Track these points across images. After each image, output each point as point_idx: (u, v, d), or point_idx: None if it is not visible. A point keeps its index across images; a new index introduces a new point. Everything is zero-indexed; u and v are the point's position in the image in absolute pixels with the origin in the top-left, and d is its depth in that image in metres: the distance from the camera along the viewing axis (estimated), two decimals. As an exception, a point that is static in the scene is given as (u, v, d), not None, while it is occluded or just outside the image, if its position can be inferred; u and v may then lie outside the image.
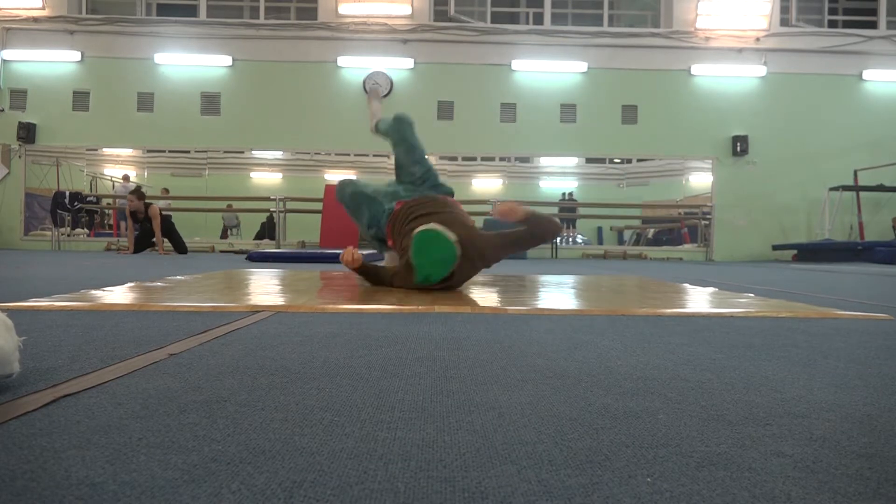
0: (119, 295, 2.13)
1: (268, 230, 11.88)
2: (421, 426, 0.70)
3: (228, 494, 0.50)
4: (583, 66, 11.23)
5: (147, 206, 8.62)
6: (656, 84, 11.24)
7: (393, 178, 3.10)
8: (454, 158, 11.87)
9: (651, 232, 12.83)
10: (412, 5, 11.10)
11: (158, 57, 11.09)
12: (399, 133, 3.12)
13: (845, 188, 10.77)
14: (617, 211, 12.72)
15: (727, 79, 11.27)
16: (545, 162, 12.40)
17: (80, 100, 11.11)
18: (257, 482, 0.52)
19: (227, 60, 11.12)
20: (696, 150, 11.39)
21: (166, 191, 11.20)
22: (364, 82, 3.53)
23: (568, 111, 11.34)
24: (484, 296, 2.36)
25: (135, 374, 0.95)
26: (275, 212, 10.98)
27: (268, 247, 10.50)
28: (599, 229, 13.31)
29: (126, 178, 11.86)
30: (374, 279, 2.68)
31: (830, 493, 0.53)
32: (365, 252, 2.85)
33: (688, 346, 1.29)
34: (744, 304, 2.16)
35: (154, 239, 8.42)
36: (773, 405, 0.83)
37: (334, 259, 6.07)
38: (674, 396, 0.86)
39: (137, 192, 8.57)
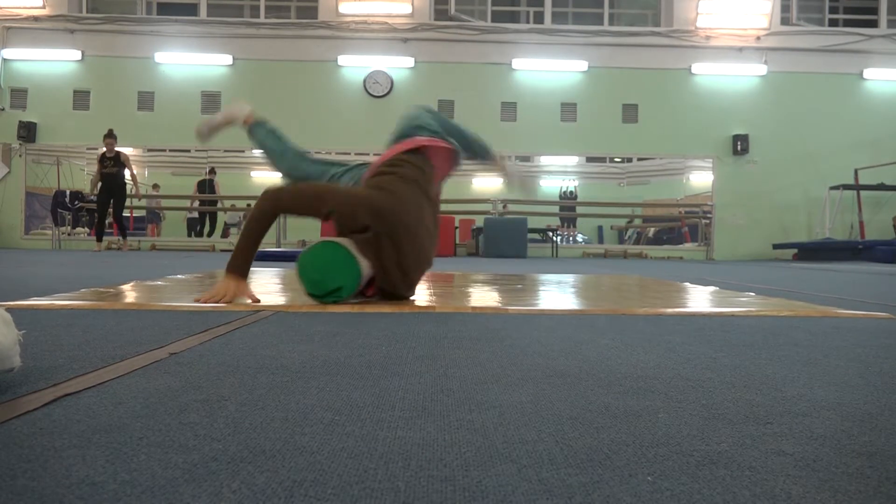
0: (119, 294, 2.13)
1: (199, 225, 11.91)
2: (421, 425, 0.70)
3: (229, 494, 0.50)
4: (583, 64, 11.23)
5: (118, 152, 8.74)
6: (657, 83, 11.23)
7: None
8: (454, 157, 11.86)
9: (651, 231, 12.83)
10: (412, 4, 11.10)
11: (159, 56, 11.09)
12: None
13: (846, 187, 10.76)
14: (617, 210, 12.72)
15: (728, 77, 11.26)
16: (546, 161, 12.40)
17: (81, 99, 11.11)
18: (258, 481, 0.52)
19: (228, 59, 11.12)
20: (697, 148, 11.39)
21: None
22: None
23: (568, 110, 11.33)
24: (484, 295, 2.36)
25: (135, 373, 0.95)
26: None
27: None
28: (600, 228, 13.31)
29: (156, 186, 11.87)
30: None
31: (831, 491, 0.53)
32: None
33: (688, 345, 1.29)
34: (744, 303, 2.16)
35: (129, 182, 8.75)
36: (773, 404, 0.83)
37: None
38: (674, 395, 0.86)
39: (111, 133, 8.79)
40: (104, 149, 8.80)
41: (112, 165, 8.72)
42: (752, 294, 2.61)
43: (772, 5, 11.15)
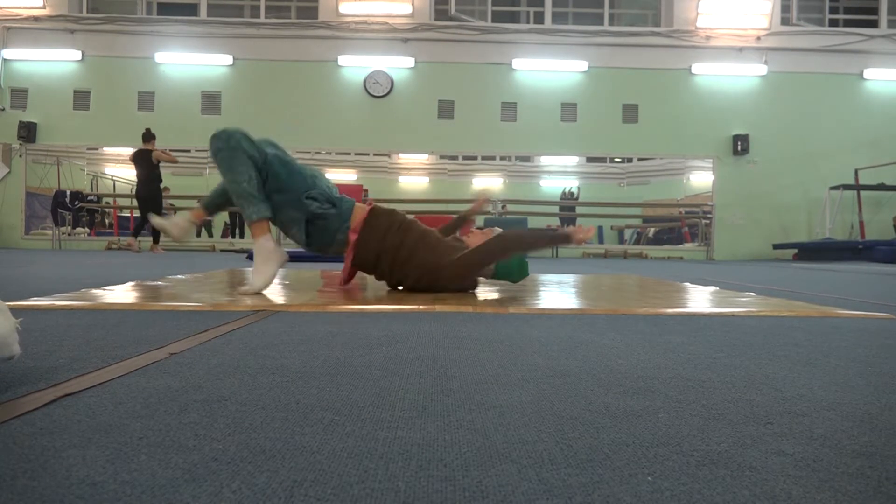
0: (119, 294, 2.13)
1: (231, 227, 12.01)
2: (421, 425, 0.70)
3: (229, 494, 0.50)
4: (583, 65, 11.23)
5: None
6: (657, 83, 11.23)
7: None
8: (455, 157, 11.86)
9: (652, 231, 12.83)
10: (413, 4, 11.10)
11: (159, 56, 11.09)
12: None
13: (846, 187, 10.76)
14: (617, 210, 12.72)
15: (728, 78, 11.26)
16: (546, 161, 12.40)
17: (81, 99, 11.11)
18: (258, 481, 0.52)
19: (228, 59, 11.12)
20: (697, 149, 11.39)
21: None
22: None
23: (568, 110, 11.33)
24: (484, 295, 2.36)
25: (135, 373, 0.95)
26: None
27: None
28: (600, 228, 13.30)
29: (166, 189, 11.83)
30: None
31: (831, 491, 0.53)
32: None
33: (688, 345, 1.29)
34: (744, 304, 2.16)
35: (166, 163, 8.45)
36: (773, 404, 0.83)
37: (335, 259, 6.06)
38: (674, 395, 0.86)
39: (150, 133, 8.49)
40: (139, 148, 8.50)
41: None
42: (752, 294, 2.61)
43: (772, 5, 11.15)
